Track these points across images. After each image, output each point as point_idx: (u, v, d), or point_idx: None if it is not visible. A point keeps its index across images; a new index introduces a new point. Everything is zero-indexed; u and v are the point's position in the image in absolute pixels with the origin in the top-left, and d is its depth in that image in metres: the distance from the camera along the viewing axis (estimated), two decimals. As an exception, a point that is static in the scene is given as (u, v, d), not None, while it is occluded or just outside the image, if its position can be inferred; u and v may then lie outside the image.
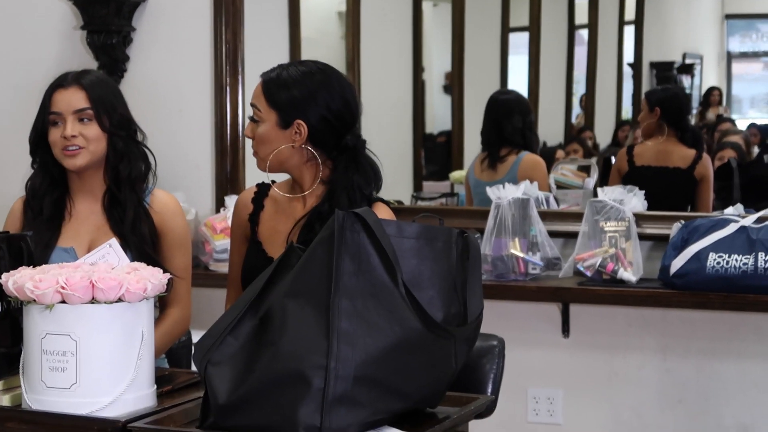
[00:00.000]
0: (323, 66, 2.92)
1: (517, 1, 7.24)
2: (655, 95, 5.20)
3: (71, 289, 2.25)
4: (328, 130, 2.85)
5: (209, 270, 4.21)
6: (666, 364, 4.05)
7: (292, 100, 2.83)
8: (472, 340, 2.34)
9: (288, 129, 2.84)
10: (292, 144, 2.85)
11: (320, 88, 2.85)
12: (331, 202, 2.83)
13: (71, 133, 3.04)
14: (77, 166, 3.08)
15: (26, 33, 4.68)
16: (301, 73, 2.86)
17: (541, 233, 3.97)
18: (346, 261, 2.15)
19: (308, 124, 2.83)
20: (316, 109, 2.83)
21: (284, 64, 2.91)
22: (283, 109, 2.84)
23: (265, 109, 2.86)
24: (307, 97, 2.84)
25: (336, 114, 2.85)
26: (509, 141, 5.01)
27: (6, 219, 3.21)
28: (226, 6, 4.39)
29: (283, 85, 2.85)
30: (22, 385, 2.34)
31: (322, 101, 2.84)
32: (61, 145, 3.06)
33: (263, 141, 2.86)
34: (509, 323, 4.03)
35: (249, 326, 2.23)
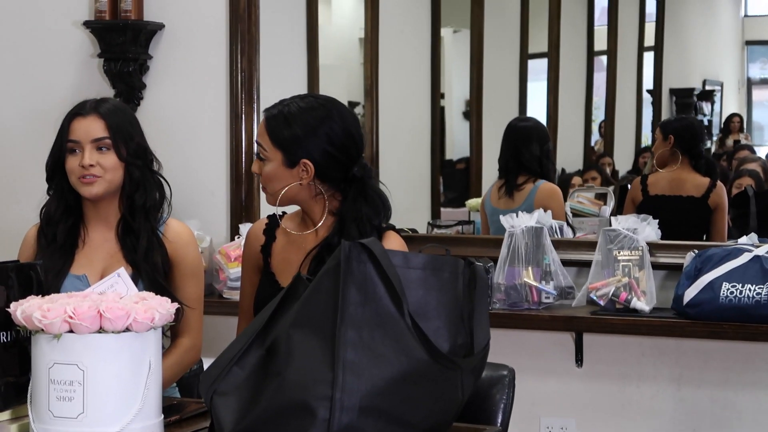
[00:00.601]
0: (324, 100, 2.93)
1: (536, 27, 7.25)
2: (669, 125, 5.20)
3: (79, 318, 2.26)
4: (333, 165, 2.87)
5: (223, 298, 4.21)
6: (680, 394, 4.03)
7: (295, 139, 2.85)
8: (478, 371, 2.34)
9: (294, 168, 2.86)
10: (300, 182, 2.86)
11: (321, 124, 2.86)
12: (341, 234, 2.85)
13: (89, 162, 3.06)
14: (93, 194, 3.09)
15: (44, 60, 4.71)
16: (303, 110, 2.87)
17: (555, 262, 3.96)
18: (353, 291, 2.15)
19: (313, 161, 2.85)
20: (319, 144, 2.85)
21: (286, 100, 2.93)
22: (287, 148, 2.86)
23: (270, 148, 2.88)
24: (309, 133, 2.85)
25: (339, 147, 2.87)
26: (526, 169, 5.00)
27: (20, 247, 3.23)
28: (242, 34, 4.42)
29: (286, 123, 2.86)
30: (30, 414, 2.34)
31: (325, 137, 2.85)
32: (79, 173, 3.07)
33: (270, 179, 2.89)
34: (522, 352, 4.02)
35: (255, 356, 2.23)
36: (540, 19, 7.23)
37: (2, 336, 2.45)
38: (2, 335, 2.45)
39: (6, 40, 4.77)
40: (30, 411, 2.34)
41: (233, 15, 4.44)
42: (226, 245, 4.28)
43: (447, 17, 6.58)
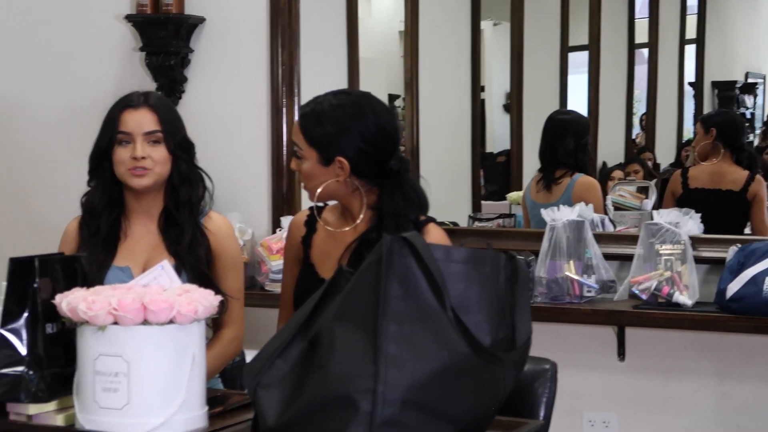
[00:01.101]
0: (357, 96, 2.95)
1: (576, 20, 7.21)
2: (710, 118, 5.18)
3: (123, 310, 2.28)
4: (367, 161, 2.88)
5: (265, 290, 4.23)
6: (723, 389, 4.01)
7: (328, 137, 2.87)
8: (520, 365, 2.34)
9: (330, 165, 2.88)
10: (336, 179, 2.88)
11: (353, 120, 2.87)
12: (379, 229, 2.85)
13: (141, 155, 3.07)
14: (143, 185, 3.10)
15: (86, 53, 4.74)
16: (334, 107, 2.89)
17: (596, 256, 3.95)
18: (394, 285, 2.16)
19: (347, 158, 2.86)
20: (352, 141, 2.86)
21: (319, 97, 2.94)
22: (322, 146, 2.87)
23: (305, 147, 2.90)
24: (341, 131, 2.87)
25: (372, 143, 2.87)
26: (562, 162, 4.99)
27: (61, 240, 3.25)
28: (283, 27, 4.43)
29: (318, 122, 2.88)
30: (75, 405, 2.36)
31: (357, 133, 2.86)
32: (130, 165, 3.08)
33: (308, 177, 2.92)
34: (564, 346, 4.01)
35: (298, 349, 2.24)
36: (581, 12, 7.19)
37: (48, 327, 2.47)
38: (48, 327, 2.47)
39: (49, 34, 4.81)
40: (75, 402, 2.36)
41: (274, 8, 4.45)
42: (268, 238, 4.29)
43: (487, 10, 6.56)
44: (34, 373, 2.44)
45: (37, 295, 2.46)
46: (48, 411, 2.45)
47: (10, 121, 4.88)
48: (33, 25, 4.84)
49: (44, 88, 4.82)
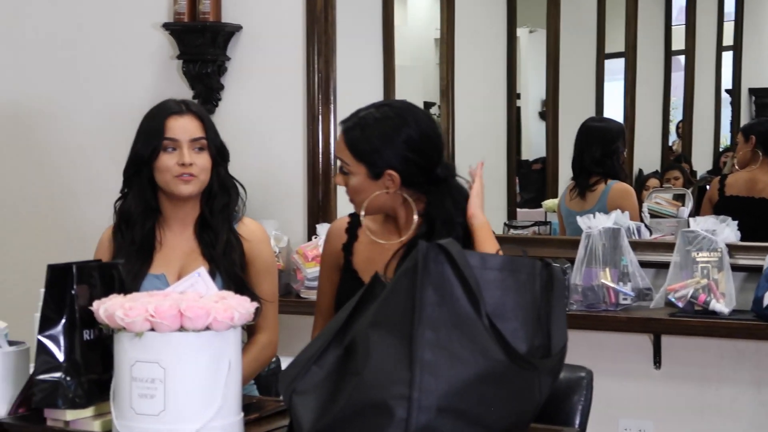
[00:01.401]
0: (399, 107, 2.94)
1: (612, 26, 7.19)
2: (751, 127, 5.18)
3: (160, 317, 2.29)
4: (416, 170, 2.88)
5: (300, 298, 4.24)
6: (760, 397, 3.98)
7: (375, 151, 2.86)
8: (556, 373, 2.33)
9: (380, 179, 2.87)
10: (387, 191, 2.88)
11: (397, 131, 2.87)
12: (429, 236, 2.84)
13: (189, 161, 3.08)
14: (189, 192, 3.11)
15: (123, 61, 4.77)
16: (377, 120, 2.88)
17: (632, 263, 3.93)
18: (430, 292, 2.16)
19: (397, 170, 2.85)
20: (399, 153, 2.86)
21: (361, 110, 2.93)
22: (370, 161, 2.87)
23: (352, 162, 2.89)
24: (388, 144, 2.86)
25: (419, 152, 2.87)
26: (593, 169, 4.98)
27: (96, 249, 3.25)
28: (319, 35, 4.44)
29: (363, 137, 2.87)
30: (112, 411, 2.37)
31: (403, 144, 2.86)
32: (177, 171, 3.09)
33: (358, 192, 2.91)
34: (600, 354, 4.00)
35: (334, 356, 2.24)
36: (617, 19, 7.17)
37: (85, 334, 2.49)
38: (85, 333, 2.49)
39: (87, 41, 4.84)
40: (112, 408, 2.37)
41: (310, 16, 4.46)
42: (304, 245, 4.30)
43: (523, 17, 6.55)
44: (72, 379, 2.45)
45: (75, 302, 2.48)
46: (85, 417, 2.47)
47: (50, 127, 4.92)
48: (72, 32, 4.87)
49: (82, 96, 4.85)
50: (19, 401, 2.54)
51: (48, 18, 4.92)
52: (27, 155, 4.97)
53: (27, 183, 4.98)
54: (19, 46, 4.98)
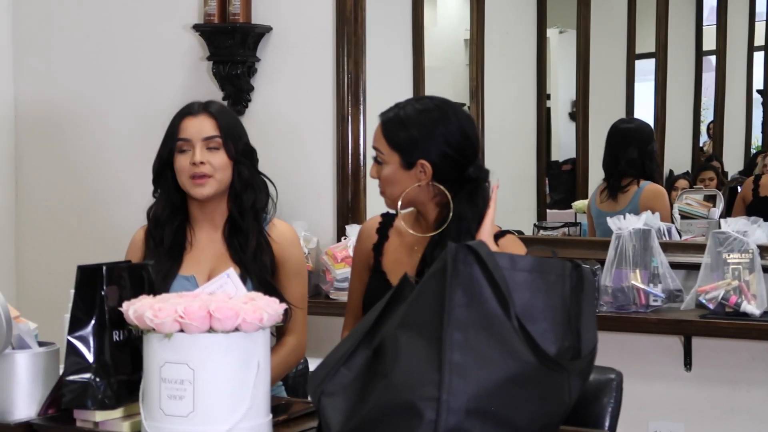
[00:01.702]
0: (440, 101, 2.94)
1: (643, 27, 7.16)
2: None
3: (189, 318, 2.29)
4: (450, 165, 2.87)
5: (330, 299, 4.24)
6: (791, 400, 3.97)
7: (412, 140, 2.86)
8: (586, 374, 2.32)
9: (412, 169, 2.87)
10: (418, 183, 2.87)
11: (438, 125, 2.87)
12: (443, 231, 2.85)
13: (200, 159, 3.09)
14: (204, 195, 3.12)
15: (154, 62, 4.78)
16: (418, 112, 2.88)
17: (663, 264, 3.92)
18: (459, 293, 2.15)
19: (431, 162, 2.85)
20: (436, 146, 2.85)
21: (401, 102, 2.94)
22: (405, 150, 2.87)
23: (387, 151, 2.89)
24: (426, 135, 2.86)
25: (456, 148, 2.87)
26: (628, 171, 4.96)
27: (127, 249, 3.27)
28: (348, 36, 4.44)
29: (402, 126, 2.88)
30: (142, 412, 2.38)
31: (441, 137, 2.86)
32: (189, 172, 3.10)
33: (389, 182, 2.90)
34: (630, 355, 3.98)
35: (362, 357, 2.24)
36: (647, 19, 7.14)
37: (115, 335, 2.49)
38: (115, 334, 2.49)
39: (118, 43, 4.86)
40: (141, 409, 2.37)
41: (340, 17, 4.47)
42: (333, 246, 4.30)
43: (553, 17, 6.54)
44: (101, 380, 2.46)
45: (105, 303, 2.48)
46: (114, 418, 2.47)
47: (80, 129, 4.94)
48: (102, 34, 4.89)
49: (113, 98, 4.88)
50: (49, 402, 2.55)
51: (78, 21, 4.94)
52: (58, 157, 4.99)
53: (58, 184, 5.00)
54: (50, 49, 5.00)
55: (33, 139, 5.04)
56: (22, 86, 5.04)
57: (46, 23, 5.01)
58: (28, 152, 5.06)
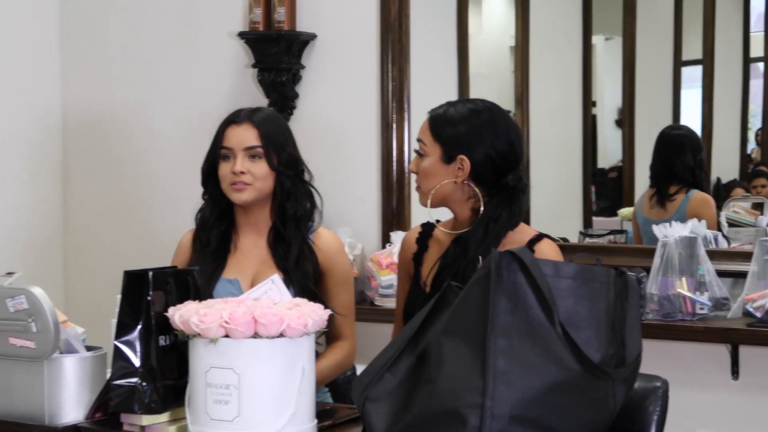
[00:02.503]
0: (491, 105, 2.95)
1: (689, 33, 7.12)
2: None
3: (234, 323, 2.30)
4: (490, 168, 2.88)
5: (375, 305, 4.24)
6: (840, 409, 3.93)
7: (457, 136, 2.87)
8: (630, 382, 2.32)
9: (451, 164, 2.88)
10: (455, 179, 2.87)
11: (486, 126, 2.87)
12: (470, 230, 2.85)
13: (240, 169, 3.12)
14: (243, 200, 3.15)
15: (200, 70, 4.81)
16: (468, 111, 2.90)
17: (709, 272, 3.89)
18: (502, 300, 2.15)
19: (471, 160, 2.86)
20: (481, 147, 2.86)
21: (452, 101, 2.96)
22: (448, 143, 2.88)
23: (430, 143, 2.90)
24: (472, 134, 2.87)
25: (499, 152, 2.87)
26: (679, 178, 4.93)
27: (175, 252, 3.30)
28: (393, 43, 4.45)
29: (449, 122, 2.89)
30: (187, 416, 2.40)
31: (488, 140, 2.86)
32: (230, 180, 3.14)
33: (426, 175, 2.91)
34: (676, 364, 3.96)
35: (407, 363, 2.25)
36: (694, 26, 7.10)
37: (161, 340, 2.51)
38: (161, 339, 2.51)
39: (165, 50, 4.89)
40: (187, 413, 2.39)
41: (384, 24, 4.47)
42: (378, 253, 4.30)
43: (598, 24, 6.51)
44: (148, 384, 2.48)
45: (151, 308, 2.50)
46: (160, 422, 2.49)
47: (128, 136, 4.97)
48: (150, 41, 4.92)
49: (160, 104, 4.91)
50: (96, 406, 2.57)
51: (125, 28, 4.98)
52: (106, 163, 5.03)
53: (106, 190, 5.04)
54: (97, 56, 5.04)
55: (81, 145, 5.08)
56: (70, 93, 5.08)
57: (94, 31, 5.05)
58: (75, 158, 5.10)
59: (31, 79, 4.99)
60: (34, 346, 2.52)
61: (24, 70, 4.96)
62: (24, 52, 4.96)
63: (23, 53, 4.96)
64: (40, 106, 5.02)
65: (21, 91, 4.95)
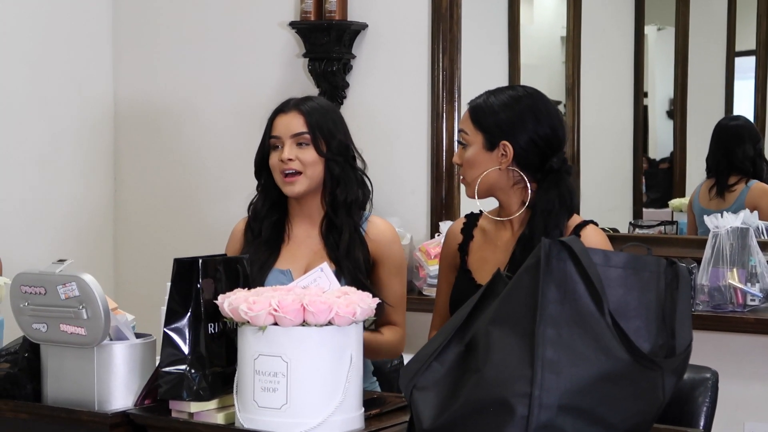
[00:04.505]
0: (532, 90, 2.94)
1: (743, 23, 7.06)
2: None
3: (283, 311, 2.31)
4: (534, 153, 2.87)
5: (423, 295, 4.24)
6: None
7: (498, 123, 2.86)
8: (680, 372, 2.30)
9: (494, 151, 2.87)
10: (499, 166, 2.87)
11: (528, 112, 2.87)
12: (530, 227, 2.84)
13: (288, 156, 3.12)
14: (295, 193, 3.15)
15: (251, 60, 4.82)
16: (509, 97, 2.89)
17: (761, 264, 3.86)
18: (552, 289, 2.15)
19: (514, 145, 2.85)
20: (524, 132, 2.85)
21: (492, 90, 2.95)
22: (489, 131, 2.87)
23: (471, 131, 2.90)
24: (514, 120, 2.86)
25: (542, 137, 2.87)
26: (739, 169, 4.89)
27: (228, 239, 3.32)
28: (444, 33, 4.44)
29: (490, 110, 2.89)
30: (236, 404, 2.41)
31: (531, 125, 2.86)
32: (280, 168, 3.14)
33: (470, 164, 2.90)
34: (726, 355, 3.93)
35: (454, 352, 2.24)
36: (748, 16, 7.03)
37: (210, 327, 2.52)
38: (210, 326, 2.52)
39: (217, 40, 4.91)
40: (236, 401, 2.41)
41: (435, 14, 4.47)
42: (426, 243, 4.30)
43: (651, 14, 6.47)
44: (196, 371, 2.49)
45: (200, 296, 2.51)
46: (209, 409, 2.50)
47: (179, 126, 5.00)
48: (201, 31, 4.94)
49: (211, 94, 4.93)
50: (145, 393, 2.59)
51: (176, 18, 5.00)
52: (156, 153, 5.06)
53: (155, 180, 5.07)
54: (148, 47, 5.07)
55: (131, 135, 5.12)
56: (122, 83, 5.12)
57: (145, 21, 5.08)
58: (126, 148, 5.13)
59: (82, 70, 5.03)
60: (84, 333, 2.54)
61: (76, 60, 5.00)
62: (76, 42, 5.00)
63: (75, 44, 5.00)
64: (92, 97, 5.05)
65: (73, 82, 4.99)
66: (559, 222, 2.85)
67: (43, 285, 2.58)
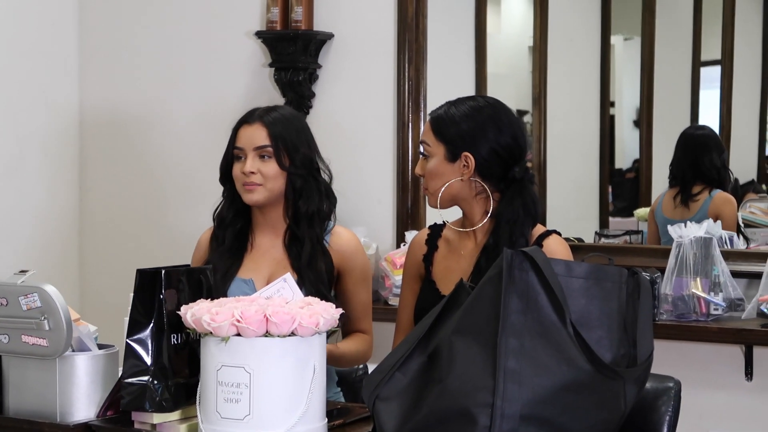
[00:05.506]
0: (492, 101, 2.94)
1: (709, 34, 7.10)
2: None
3: (246, 322, 2.31)
4: (495, 162, 2.87)
5: (388, 305, 4.24)
6: None
7: (460, 134, 2.86)
8: (642, 382, 2.31)
9: (456, 162, 2.87)
10: (461, 177, 2.87)
11: (489, 122, 2.87)
12: (495, 236, 2.85)
13: (249, 169, 3.12)
14: (254, 201, 3.15)
15: (218, 69, 4.82)
16: (470, 108, 2.89)
17: (724, 273, 3.88)
18: (514, 300, 2.16)
19: (476, 156, 2.85)
20: (486, 143, 2.85)
21: (452, 100, 2.95)
22: (451, 142, 2.87)
23: (433, 143, 2.90)
24: (476, 130, 2.86)
25: (504, 146, 2.87)
26: (704, 178, 4.92)
27: (195, 249, 3.31)
28: (410, 42, 4.44)
29: (451, 120, 2.88)
30: (199, 415, 2.40)
31: (492, 135, 2.86)
32: (242, 180, 3.14)
33: (432, 176, 2.90)
34: (690, 364, 3.95)
35: (417, 363, 2.25)
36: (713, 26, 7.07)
37: (173, 338, 2.52)
38: (173, 337, 2.52)
39: (183, 49, 4.90)
40: (198, 411, 2.40)
41: (401, 24, 4.47)
42: (392, 252, 4.30)
43: (618, 24, 6.50)
44: (159, 382, 2.48)
45: (163, 307, 2.51)
46: (172, 420, 2.50)
47: (144, 133, 4.99)
48: (167, 40, 4.93)
49: (177, 102, 4.92)
50: (108, 404, 2.58)
51: (142, 27, 4.99)
52: (121, 161, 5.04)
53: (121, 189, 5.05)
54: (115, 55, 5.06)
55: (97, 143, 5.10)
56: (88, 91, 5.10)
57: (111, 29, 5.06)
58: (92, 157, 5.11)
59: (48, 78, 5.01)
60: (46, 344, 2.53)
61: (42, 68, 4.98)
62: (42, 50, 4.98)
63: (41, 52, 4.97)
64: (58, 105, 5.03)
65: (39, 89, 4.96)
66: (525, 231, 2.85)
67: (4, 296, 2.57)
